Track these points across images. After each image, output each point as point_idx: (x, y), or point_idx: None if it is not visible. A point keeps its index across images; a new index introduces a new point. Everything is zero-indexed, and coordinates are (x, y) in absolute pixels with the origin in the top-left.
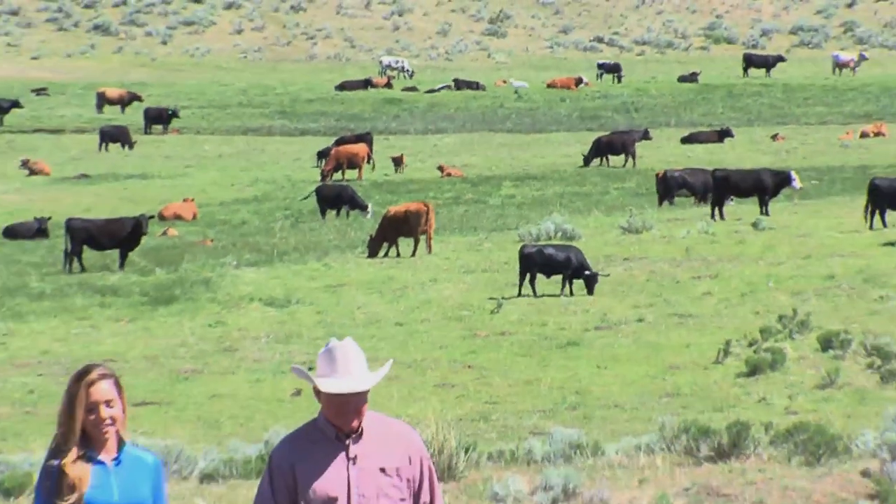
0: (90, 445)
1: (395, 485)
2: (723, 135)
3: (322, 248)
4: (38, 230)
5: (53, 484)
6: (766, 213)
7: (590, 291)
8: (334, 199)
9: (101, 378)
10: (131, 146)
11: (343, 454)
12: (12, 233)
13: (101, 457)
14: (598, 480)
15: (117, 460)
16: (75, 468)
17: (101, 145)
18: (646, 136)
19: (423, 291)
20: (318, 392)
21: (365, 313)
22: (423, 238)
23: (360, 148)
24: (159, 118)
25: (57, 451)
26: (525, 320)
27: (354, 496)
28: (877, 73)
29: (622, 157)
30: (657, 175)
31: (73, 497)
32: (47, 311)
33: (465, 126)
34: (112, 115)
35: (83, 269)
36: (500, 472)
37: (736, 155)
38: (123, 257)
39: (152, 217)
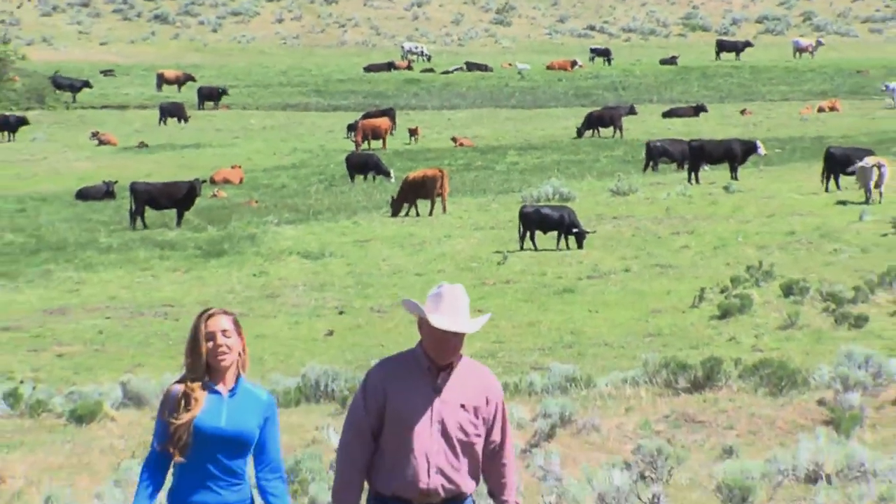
0: (211, 376)
1: (471, 421)
2: (698, 110)
3: (351, 209)
4: (106, 192)
5: (171, 404)
6: (736, 178)
7: (579, 246)
8: (362, 165)
9: (220, 314)
10: (186, 120)
11: (431, 386)
12: (84, 195)
13: (219, 387)
14: (591, 409)
15: (232, 392)
16: (192, 393)
17: (160, 119)
18: (632, 111)
19: (439, 246)
20: (421, 326)
21: (389, 265)
22: (438, 200)
23: (382, 121)
24: (211, 96)
25: (182, 378)
26: (527, 271)
27: (435, 425)
28: (832, 56)
29: (611, 129)
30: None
31: (185, 417)
32: (114, 262)
33: (476, 102)
34: (169, 93)
35: (145, 227)
36: (505, 403)
37: (710, 127)
38: (180, 216)
39: (205, 181)
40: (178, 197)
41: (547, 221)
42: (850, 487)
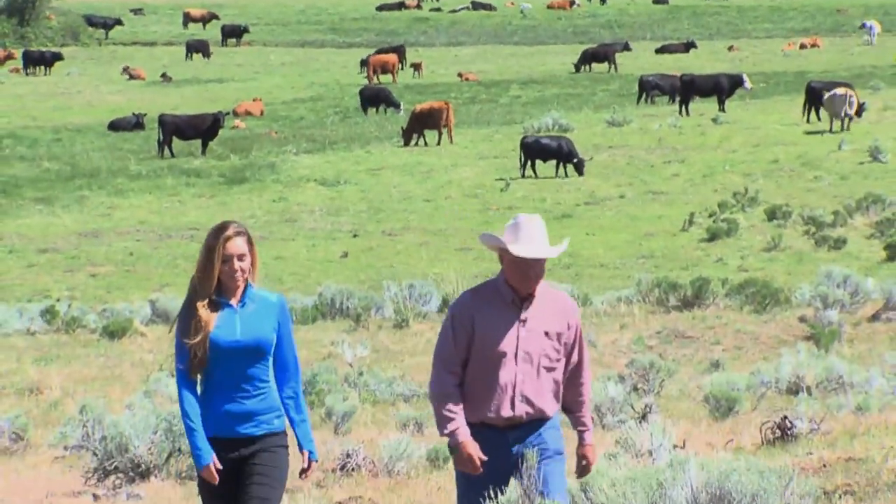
0: (222, 293)
1: (554, 347)
2: (688, 46)
3: (365, 139)
4: (136, 124)
5: (185, 323)
6: (724, 110)
7: (580, 173)
8: (374, 98)
9: (236, 234)
10: (210, 56)
11: (515, 316)
12: (115, 126)
13: (229, 300)
14: (587, 325)
15: (242, 302)
16: (204, 311)
17: (186, 55)
18: (626, 47)
19: (446, 174)
20: (503, 257)
21: (399, 191)
22: (444, 131)
23: (390, 57)
24: (234, 33)
25: (193, 295)
26: (528, 197)
27: (520, 353)
28: None
29: (606, 65)
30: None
31: (199, 336)
32: (143, 189)
33: (481, 40)
34: (195, 31)
35: (172, 156)
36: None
37: (699, 63)
38: (205, 146)
39: (228, 113)
40: (203, 128)
41: (546, 151)
42: (829, 398)
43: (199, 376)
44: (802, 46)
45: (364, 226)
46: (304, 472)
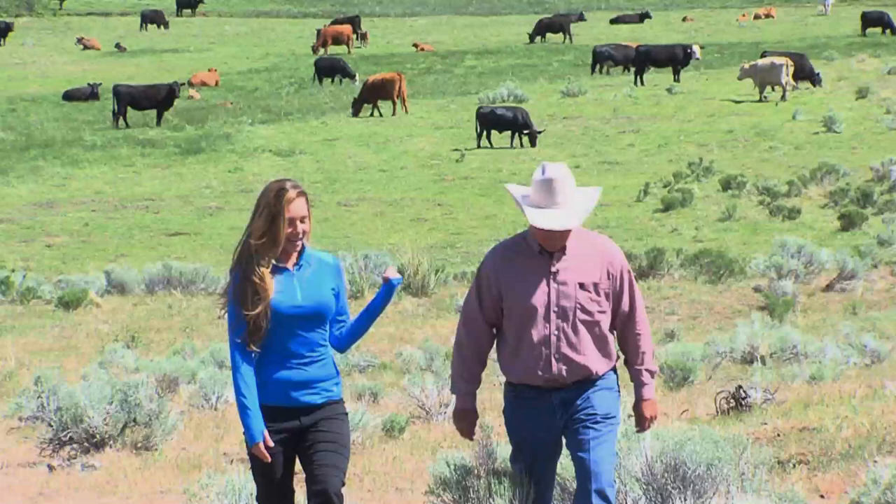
0: (279, 257)
1: (592, 299)
2: (643, 17)
3: (320, 109)
4: (91, 94)
5: (242, 293)
6: (678, 81)
7: (532, 145)
8: (330, 69)
9: (298, 195)
10: (167, 26)
11: (546, 269)
12: (70, 96)
13: (286, 265)
14: None
15: (298, 265)
16: (266, 278)
17: (141, 25)
18: (581, 18)
19: (402, 144)
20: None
21: (355, 161)
22: (399, 101)
23: (344, 28)
24: (188, 3)
25: (250, 262)
26: (484, 167)
27: (553, 308)
28: None
29: (561, 35)
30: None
31: (261, 306)
32: (99, 159)
33: (436, 10)
34: (150, 1)
35: (127, 126)
36: (463, 290)
37: (654, 33)
38: (160, 116)
39: (183, 84)
40: (158, 98)
41: (502, 121)
42: (784, 368)
43: (258, 348)
44: (757, 17)
45: (319, 196)
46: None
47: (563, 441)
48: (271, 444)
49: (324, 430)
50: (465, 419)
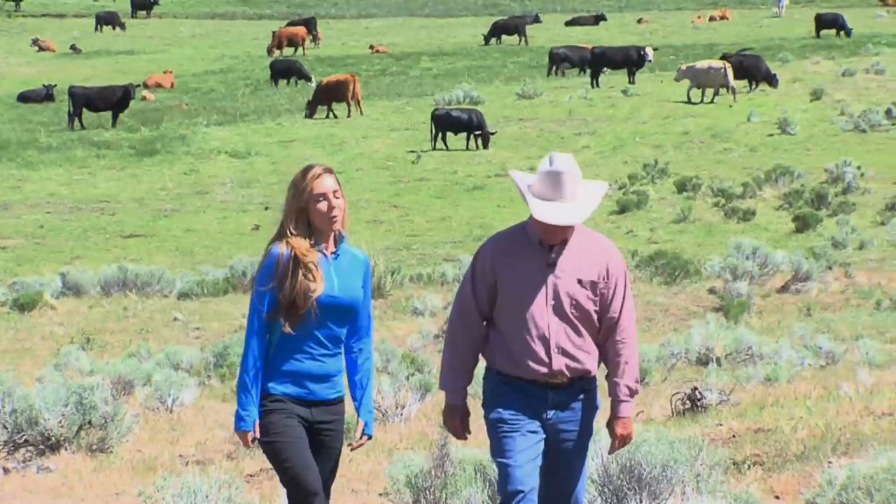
0: (316, 238)
1: (588, 297)
2: (598, 19)
3: (276, 111)
4: (46, 95)
5: (281, 270)
6: (633, 82)
7: (485, 146)
8: (285, 71)
9: (325, 172)
10: (123, 28)
11: (545, 261)
12: (25, 97)
13: (324, 250)
14: None
15: (336, 254)
16: (307, 257)
17: (96, 27)
18: (536, 20)
19: (357, 146)
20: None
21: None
22: (353, 103)
23: (298, 29)
24: (143, 5)
25: (287, 241)
26: (439, 169)
27: (550, 303)
28: None
29: (516, 37)
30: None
31: (319, 286)
32: (53, 161)
33: (391, 12)
34: (105, 2)
35: (83, 127)
36: (419, 291)
37: (609, 35)
38: (115, 118)
39: (138, 85)
40: (114, 100)
41: (457, 123)
42: (739, 369)
43: (286, 328)
44: (712, 19)
45: (275, 198)
46: (356, 446)
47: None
48: (258, 434)
49: (327, 429)
50: (457, 415)
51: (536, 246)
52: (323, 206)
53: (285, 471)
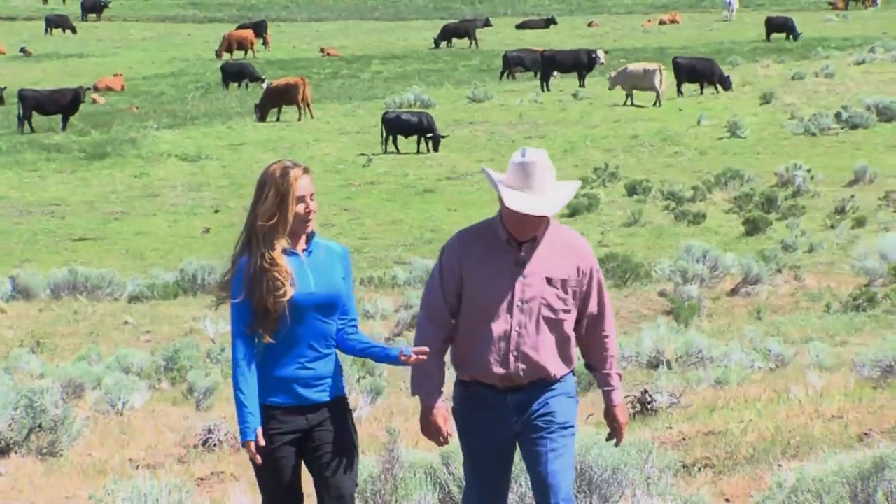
0: (290, 240)
1: (559, 296)
2: (549, 22)
3: (226, 114)
4: None
5: (251, 280)
6: (584, 86)
7: (435, 149)
8: (237, 74)
9: (303, 173)
10: (74, 31)
11: (512, 260)
12: None
13: (295, 250)
14: None
15: (308, 251)
16: (277, 263)
17: (46, 30)
18: (487, 23)
19: (308, 149)
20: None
21: (261, 166)
22: (304, 106)
23: (247, 33)
24: (94, 8)
25: (257, 246)
26: (390, 172)
27: (517, 302)
28: None
29: (467, 40)
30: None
31: (289, 292)
32: (3, 164)
33: (342, 15)
34: (55, 5)
35: (32, 131)
36: (370, 294)
37: (559, 38)
38: (65, 121)
39: (88, 89)
40: (64, 103)
41: (408, 126)
42: (689, 372)
43: (273, 338)
44: (662, 22)
45: (226, 201)
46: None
47: (518, 447)
48: (262, 442)
49: (331, 430)
50: (436, 418)
51: (504, 244)
52: (300, 208)
53: (262, 491)
